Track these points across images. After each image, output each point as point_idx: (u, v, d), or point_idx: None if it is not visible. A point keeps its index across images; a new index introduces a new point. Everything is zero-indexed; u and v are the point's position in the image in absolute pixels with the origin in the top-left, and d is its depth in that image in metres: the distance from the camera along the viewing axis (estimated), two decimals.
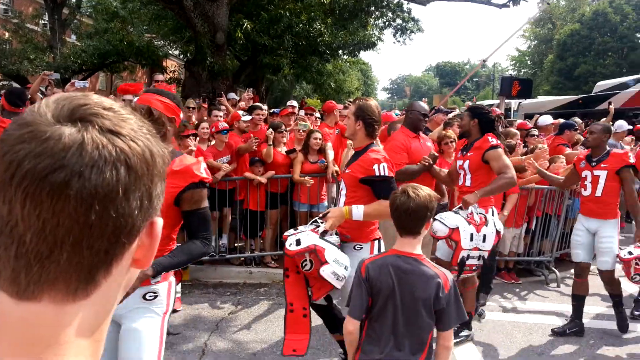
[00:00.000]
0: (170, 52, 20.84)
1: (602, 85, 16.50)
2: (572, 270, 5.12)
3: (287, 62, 15.35)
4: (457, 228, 3.74)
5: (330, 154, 6.00)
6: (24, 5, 23.89)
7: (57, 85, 7.26)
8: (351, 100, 7.99)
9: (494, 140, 4.17)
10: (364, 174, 3.23)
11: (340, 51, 18.50)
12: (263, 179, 5.89)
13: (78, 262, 0.55)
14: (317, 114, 7.41)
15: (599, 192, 4.56)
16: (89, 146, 0.54)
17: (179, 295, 5.02)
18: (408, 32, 19.46)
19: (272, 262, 6.23)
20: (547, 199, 6.30)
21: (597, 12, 37.88)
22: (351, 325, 2.35)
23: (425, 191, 2.29)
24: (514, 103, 17.86)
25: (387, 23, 19.12)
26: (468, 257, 3.83)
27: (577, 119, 9.32)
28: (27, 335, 0.55)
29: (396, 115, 7.43)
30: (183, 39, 15.65)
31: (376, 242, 3.41)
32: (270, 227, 6.27)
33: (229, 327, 4.61)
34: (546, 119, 8.43)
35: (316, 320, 3.63)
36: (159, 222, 0.63)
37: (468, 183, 4.30)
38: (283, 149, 6.18)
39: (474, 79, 72.29)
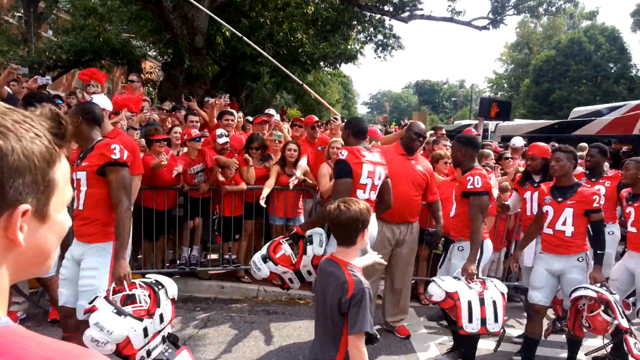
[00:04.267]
0: (148, 53, 20.42)
1: (578, 111, 16.77)
2: None
3: (268, 70, 15.19)
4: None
5: (301, 168, 5.74)
6: None
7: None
8: (336, 117, 7.76)
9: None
10: None
11: (321, 62, 18.44)
12: (243, 186, 5.65)
13: None
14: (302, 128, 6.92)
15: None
16: None
17: None
18: (389, 48, 19.54)
19: (246, 277, 5.96)
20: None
21: (572, 40, 38.91)
22: None
23: (358, 205, 2.44)
24: (491, 124, 18.02)
25: (368, 38, 19.20)
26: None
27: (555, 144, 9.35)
28: None
29: (379, 131, 7.28)
30: (162, 41, 15.35)
31: None
32: (245, 239, 6.02)
33: (198, 346, 4.33)
34: (518, 141, 8.45)
35: None
36: (20, 208, 0.72)
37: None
38: (256, 161, 5.93)
39: (452, 99, 73.33)
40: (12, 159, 0.71)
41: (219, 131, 5.92)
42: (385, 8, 15.42)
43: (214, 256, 6.24)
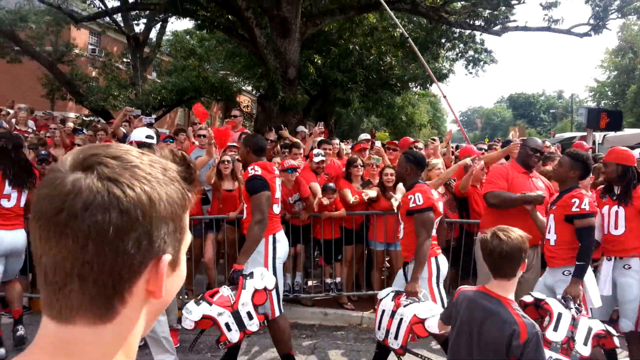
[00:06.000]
0: (243, 87, 21.37)
1: None
2: None
3: (358, 95, 15.31)
4: None
5: (401, 191, 5.65)
6: (109, 44, 25.51)
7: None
8: (434, 138, 7.61)
9: None
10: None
11: (410, 84, 18.25)
12: (343, 212, 5.67)
13: (90, 293, 0.63)
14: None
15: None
16: (85, 192, 0.62)
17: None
18: (481, 63, 18.93)
19: (349, 304, 5.92)
20: None
21: None
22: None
23: (516, 233, 2.28)
24: (598, 136, 16.78)
25: (459, 54, 18.73)
26: None
27: None
28: (69, 352, 0.64)
29: (480, 150, 7.01)
30: (256, 75, 16.01)
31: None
32: (345, 265, 6.01)
33: None
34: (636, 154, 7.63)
35: None
36: (165, 258, 0.68)
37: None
38: (357, 185, 5.96)
39: (550, 111, 69.59)
40: (161, 206, 0.66)
41: (315, 151, 6.08)
42: (476, 23, 15.00)
43: (314, 282, 6.29)
